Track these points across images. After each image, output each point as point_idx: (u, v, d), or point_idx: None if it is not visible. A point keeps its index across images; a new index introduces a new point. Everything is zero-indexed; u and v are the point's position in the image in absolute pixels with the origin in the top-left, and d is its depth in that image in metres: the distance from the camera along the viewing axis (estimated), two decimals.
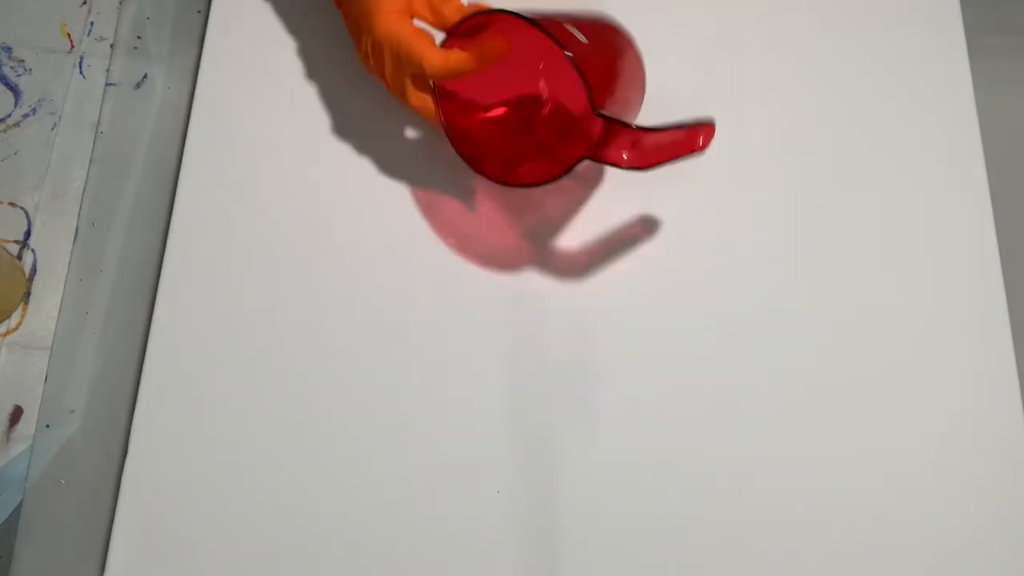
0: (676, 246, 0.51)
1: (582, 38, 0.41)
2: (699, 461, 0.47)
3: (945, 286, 0.51)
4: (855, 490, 0.47)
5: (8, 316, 0.51)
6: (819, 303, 0.50)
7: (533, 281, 0.50)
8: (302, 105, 0.53)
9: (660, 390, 0.48)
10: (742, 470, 0.47)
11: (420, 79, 0.45)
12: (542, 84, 0.52)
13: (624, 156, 0.40)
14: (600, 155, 0.40)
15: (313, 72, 0.54)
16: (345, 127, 0.53)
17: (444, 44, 0.45)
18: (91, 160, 0.54)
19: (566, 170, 0.42)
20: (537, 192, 0.50)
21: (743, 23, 0.56)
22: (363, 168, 0.52)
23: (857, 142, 0.54)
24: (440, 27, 0.45)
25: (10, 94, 0.54)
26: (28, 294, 0.51)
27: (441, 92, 0.47)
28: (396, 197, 0.52)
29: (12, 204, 0.53)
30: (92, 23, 0.56)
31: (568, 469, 0.47)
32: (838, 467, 0.48)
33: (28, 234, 0.52)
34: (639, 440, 0.48)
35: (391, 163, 0.52)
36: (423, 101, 0.46)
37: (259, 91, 0.54)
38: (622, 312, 0.50)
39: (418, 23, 0.45)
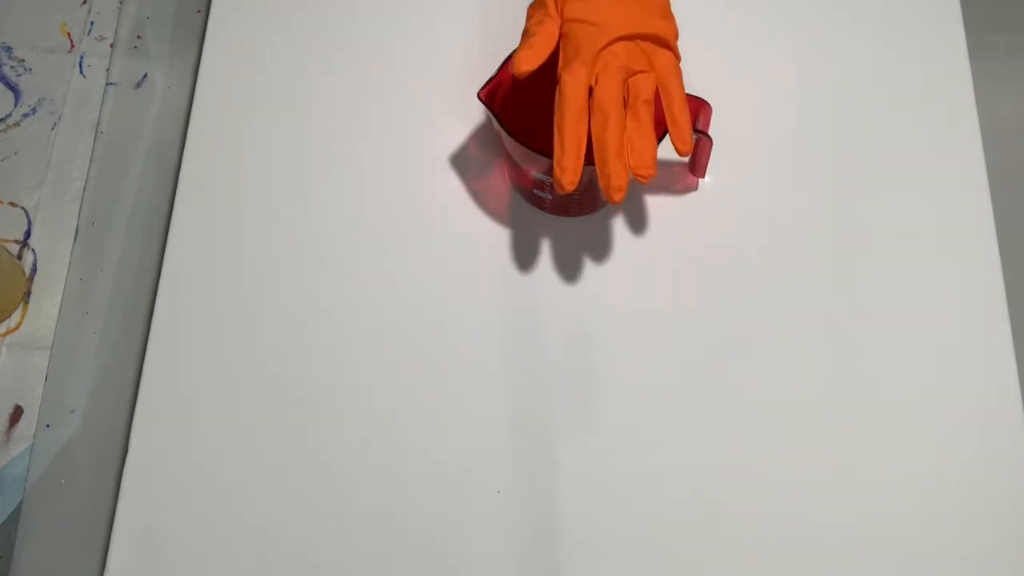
0: (676, 247, 0.51)
1: None
2: (698, 461, 0.47)
3: (945, 286, 0.51)
4: (855, 489, 0.47)
5: (8, 316, 0.51)
6: (819, 303, 0.50)
7: (533, 281, 0.50)
8: (302, 105, 0.53)
9: (661, 390, 0.48)
10: (741, 469, 0.47)
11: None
12: None
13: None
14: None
15: (313, 72, 0.54)
16: (345, 127, 0.53)
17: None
18: (91, 160, 0.54)
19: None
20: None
21: (742, 24, 0.56)
22: (363, 168, 0.52)
23: (857, 142, 0.54)
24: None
25: (10, 94, 0.54)
26: (28, 294, 0.51)
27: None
28: (396, 197, 0.51)
29: (12, 204, 0.53)
30: (92, 23, 0.56)
31: (568, 469, 0.47)
32: (837, 466, 0.47)
33: (28, 234, 0.52)
34: (639, 440, 0.48)
35: (391, 163, 0.52)
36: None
37: (259, 91, 0.54)
38: (623, 312, 0.50)
39: None
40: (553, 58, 0.46)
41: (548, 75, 0.48)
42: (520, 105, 0.48)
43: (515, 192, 0.51)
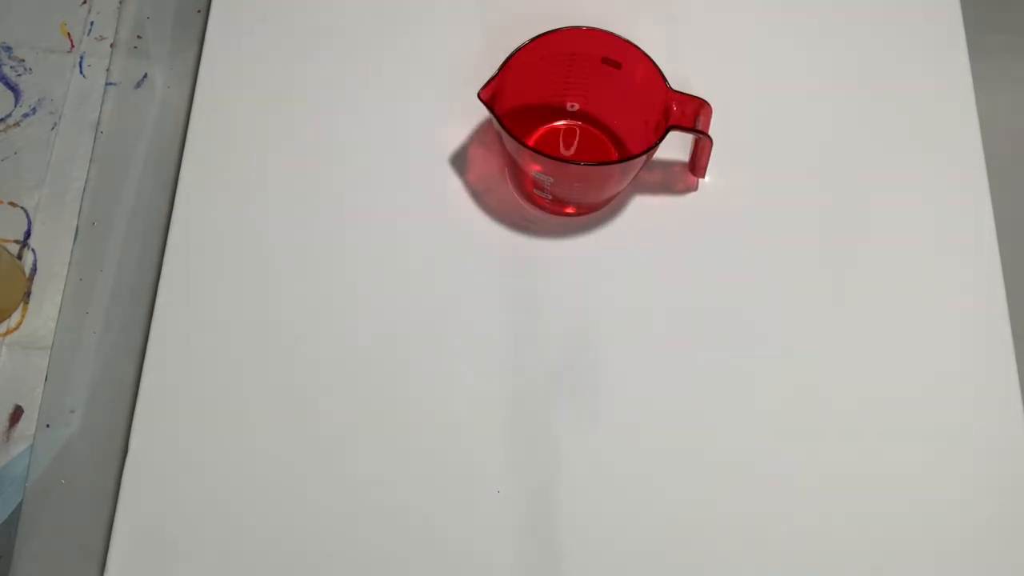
0: (675, 247, 0.51)
1: None
2: (699, 462, 0.47)
3: (945, 286, 0.51)
4: (856, 490, 0.47)
5: (8, 316, 0.51)
6: (819, 303, 0.50)
7: (533, 281, 0.50)
8: (301, 105, 0.53)
9: (661, 390, 0.48)
10: (742, 470, 0.47)
11: None
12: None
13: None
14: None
15: (313, 72, 0.54)
16: (344, 126, 0.53)
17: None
18: (91, 160, 0.54)
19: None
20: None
21: (742, 24, 0.56)
22: (363, 167, 0.52)
23: (856, 142, 0.54)
24: None
25: (10, 94, 0.54)
26: (28, 294, 0.51)
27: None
28: (396, 197, 0.52)
29: (12, 204, 0.53)
30: (92, 23, 0.56)
31: (568, 469, 0.47)
32: (838, 467, 0.47)
33: (28, 234, 0.52)
34: (639, 440, 0.48)
35: (391, 162, 0.52)
36: None
37: (259, 91, 0.54)
38: (623, 312, 0.50)
39: None
40: (549, 55, 0.46)
41: (548, 74, 0.48)
42: (520, 105, 0.48)
43: (515, 192, 0.51)
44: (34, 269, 0.52)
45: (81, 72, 0.55)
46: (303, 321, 0.49)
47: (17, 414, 0.49)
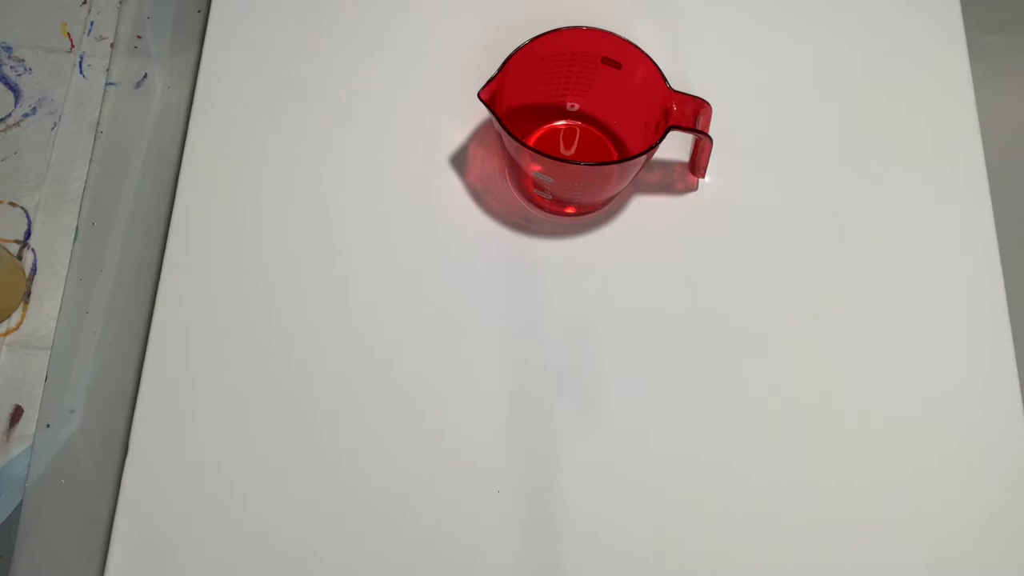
0: (675, 247, 0.51)
1: None
2: (699, 462, 0.47)
3: (945, 286, 0.51)
4: (855, 490, 0.47)
5: (8, 316, 0.51)
6: (819, 302, 0.50)
7: (533, 281, 0.50)
8: (302, 105, 0.53)
9: (661, 390, 0.48)
10: (742, 469, 0.47)
11: None
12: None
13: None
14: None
15: (313, 72, 0.54)
16: (345, 127, 0.53)
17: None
18: (91, 160, 0.54)
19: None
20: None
21: (742, 24, 0.56)
22: (363, 168, 0.52)
23: (857, 142, 0.54)
24: None
25: (10, 94, 0.54)
26: (28, 294, 0.51)
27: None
28: (396, 197, 0.52)
29: (12, 204, 0.53)
30: (92, 23, 0.56)
31: (568, 469, 0.47)
32: (840, 467, 0.48)
33: (28, 234, 0.52)
34: (639, 439, 0.48)
35: (391, 162, 0.52)
36: None
37: (259, 91, 0.54)
38: (623, 312, 0.50)
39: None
40: (549, 56, 0.46)
41: (548, 74, 0.48)
42: (520, 105, 0.48)
43: (515, 192, 0.51)
44: (34, 269, 0.52)
45: (81, 72, 0.55)
46: (303, 321, 0.49)
47: (17, 414, 0.49)
